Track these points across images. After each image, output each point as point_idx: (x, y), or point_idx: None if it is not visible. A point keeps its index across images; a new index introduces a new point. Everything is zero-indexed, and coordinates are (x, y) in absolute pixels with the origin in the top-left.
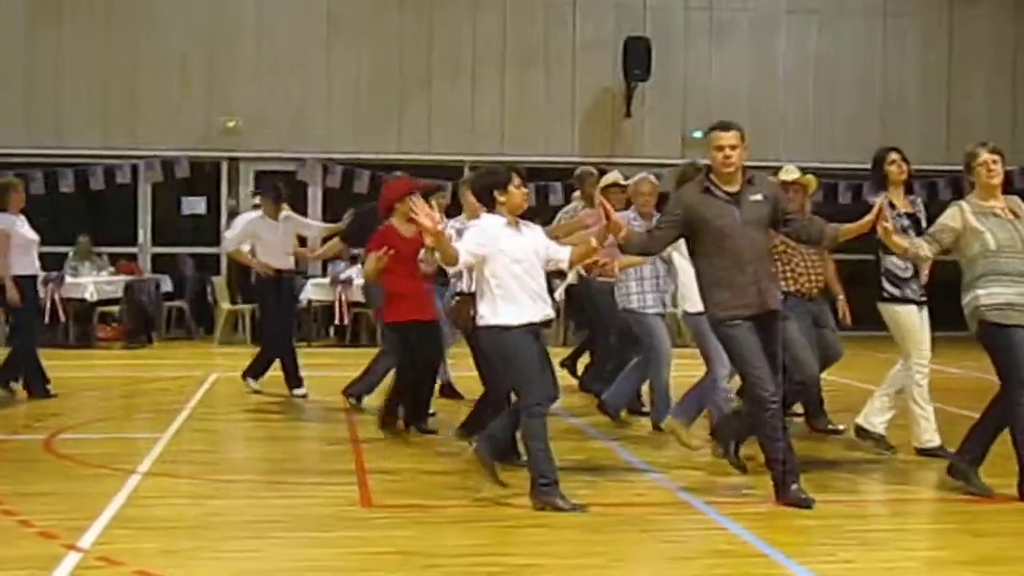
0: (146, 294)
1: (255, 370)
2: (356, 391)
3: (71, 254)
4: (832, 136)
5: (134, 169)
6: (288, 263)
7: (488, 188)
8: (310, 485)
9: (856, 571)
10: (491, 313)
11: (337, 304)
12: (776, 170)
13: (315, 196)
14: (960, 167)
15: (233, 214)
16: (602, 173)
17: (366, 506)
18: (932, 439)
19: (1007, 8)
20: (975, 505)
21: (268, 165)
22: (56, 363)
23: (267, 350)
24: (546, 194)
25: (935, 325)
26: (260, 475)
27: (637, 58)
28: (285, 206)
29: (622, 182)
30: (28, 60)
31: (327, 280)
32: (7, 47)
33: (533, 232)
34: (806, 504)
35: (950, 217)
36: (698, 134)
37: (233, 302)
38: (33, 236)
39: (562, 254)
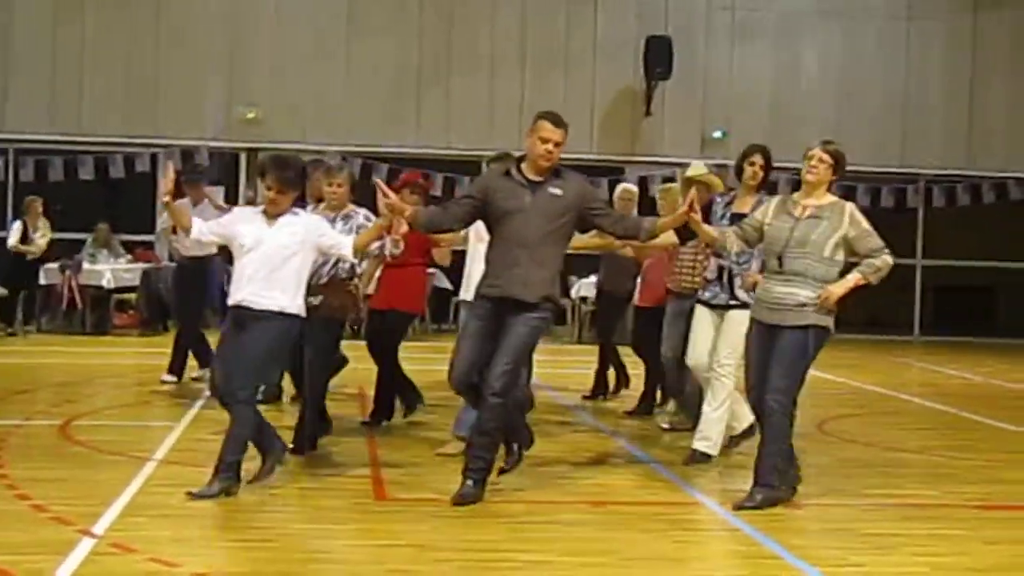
0: (163, 282)
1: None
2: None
3: (89, 241)
4: (853, 138)
5: (154, 158)
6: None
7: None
8: (324, 477)
9: (867, 574)
10: None
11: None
12: (796, 171)
13: None
14: (981, 172)
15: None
16: (620, 172)
17: (379, 499)
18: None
19: None
20: (986, 512)
21: None
22: (72, 350)
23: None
24: None
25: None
26: None
27: (658, 57)
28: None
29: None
30: (51, 48)
31: None
32: (31, 35)
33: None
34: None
35: (760, 211)
36: (719, 134)
37: None
38: None
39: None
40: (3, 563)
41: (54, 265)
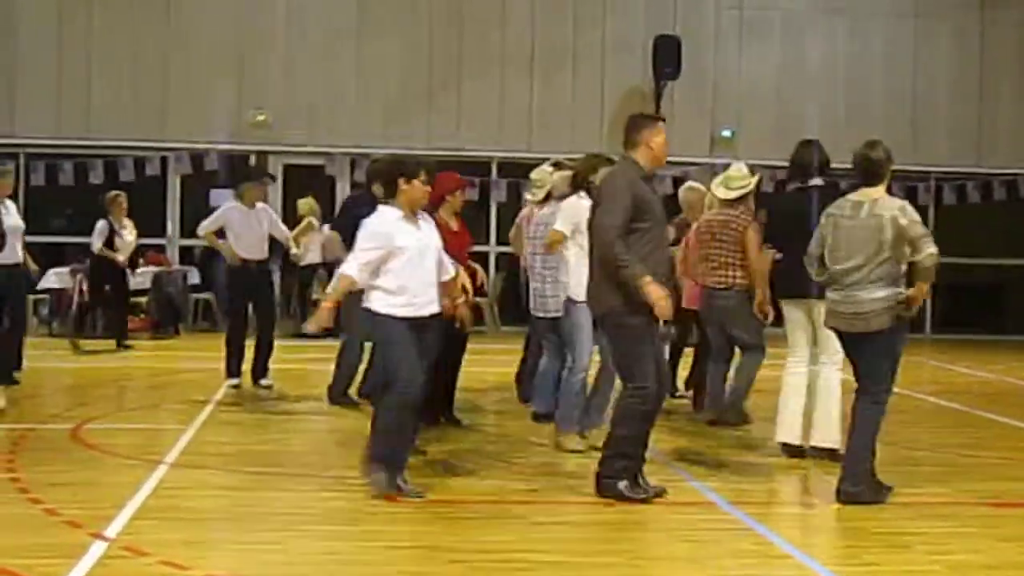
0: (174, 286)
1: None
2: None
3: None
4: (862, 137)
5: (163, 161)
6: (257, 254)
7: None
8: (335, 479)
9: (879, 573)
10: None
11: None
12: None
13: (343, 190)
14: (990, 169)
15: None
16: None
17: (390, 501)
18: None
19: None
20: (999, 509)
21: (297, 159)
22: (84, 353)
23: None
24: None
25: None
26: (285, 468)
27: (667, 57)
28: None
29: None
30: (59, 52)
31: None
32: (38, 38)
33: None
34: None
35: None
36: (727, 133)
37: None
38: (16, 223)
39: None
40: (16, 567)
41: (64, 269)
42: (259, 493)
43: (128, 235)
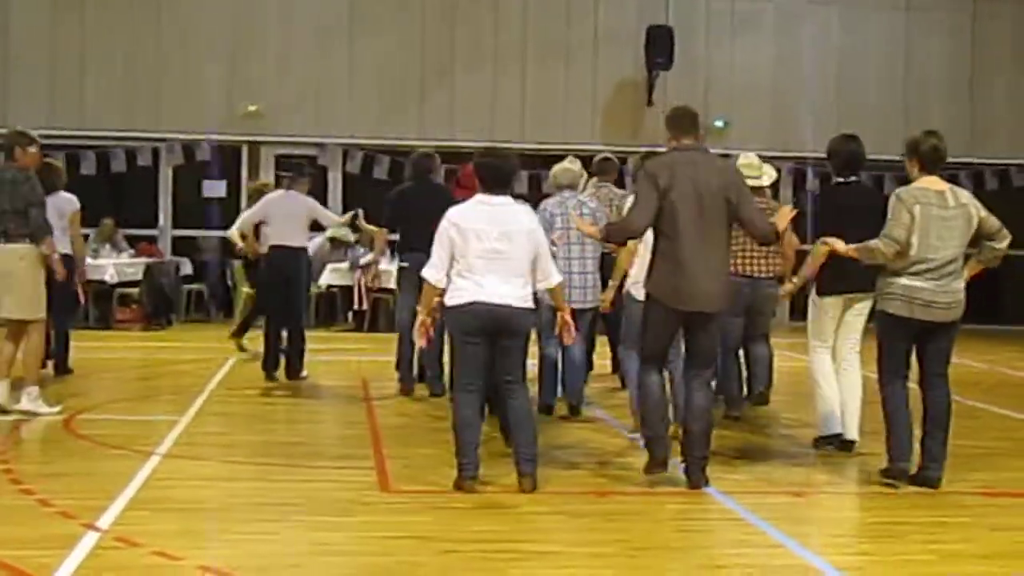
0: (166, 276)
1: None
2: None
3: (93, 235)
4: (854, 128)
5: (155, 152)
6: (291, 241)
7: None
8: (328, 469)
9: (873, 563)
10: None
11: (356, 289)
12: (797, 160)
13: (336, 181)
14: (984, 159)
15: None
16: (623, 163)
17: (384, 491)
18: None
19: None
20: (992, 499)
21: (289, 149)
22: (75, 344)
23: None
24: None
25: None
26: (278, 458)
27: (659, 47)
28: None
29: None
30: (51, 42)
31: (346, 265)
32: (30, 29)
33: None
34: None
35: None
36: (720, 124)
37: (252, 285)
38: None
39: None
40: (8, 558)
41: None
42: (252, 483)
43: None
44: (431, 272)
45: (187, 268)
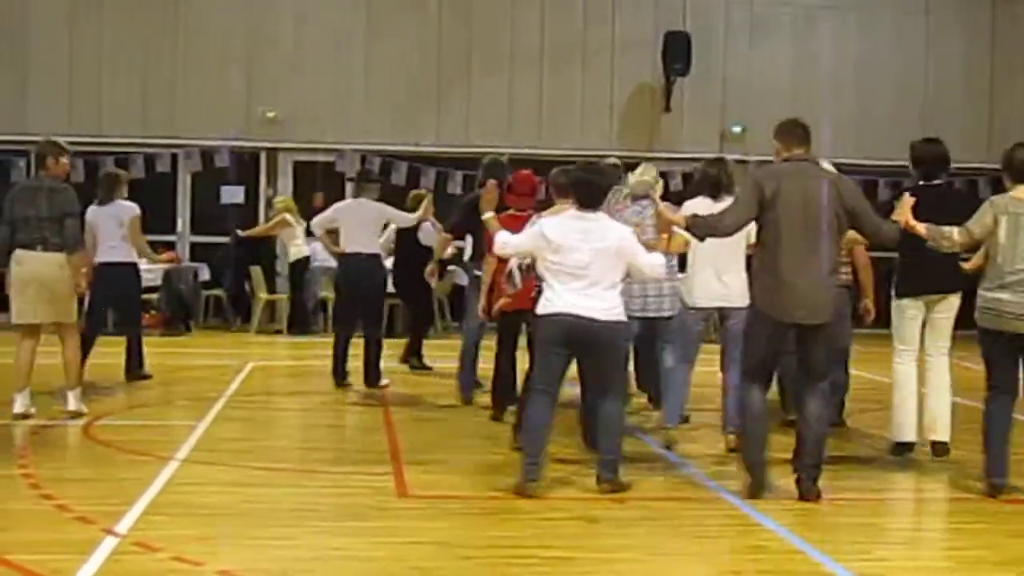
0: (184, 282)
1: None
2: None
3: None
4: (872, 133)
5: (174, 158)
6: (363, 248)
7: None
8: (346, 474)
9: (891, 569)
10: None
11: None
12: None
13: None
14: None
15: (271, 203)
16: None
17: (402, 496)
18: None
19: None
20: (1011, 505)
21: (307, 156)
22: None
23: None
24: None
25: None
26: (296, 463)
27: (677, 53)
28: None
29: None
30: (69, 49)
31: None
32: (49, 35)
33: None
34: None
35: None
36: (737, 129)
37: (271, 291)
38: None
39: None
40: (28, 562)
41: None
42: (270, 489)
43: None
44: (503, 238)
45: (205, 274)
